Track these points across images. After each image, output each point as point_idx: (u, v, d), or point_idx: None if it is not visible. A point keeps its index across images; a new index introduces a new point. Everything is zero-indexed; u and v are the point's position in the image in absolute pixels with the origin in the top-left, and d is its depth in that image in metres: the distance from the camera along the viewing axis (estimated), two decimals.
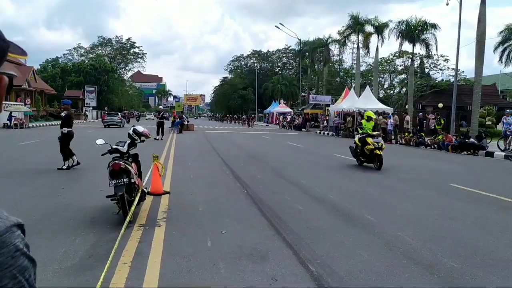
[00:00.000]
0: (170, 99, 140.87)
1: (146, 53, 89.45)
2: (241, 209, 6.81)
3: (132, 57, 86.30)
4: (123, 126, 38.39)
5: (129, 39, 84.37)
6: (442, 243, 5.19)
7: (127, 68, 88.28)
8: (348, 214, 6.68)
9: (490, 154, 17.79)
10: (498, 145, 19.21)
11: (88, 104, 67.33)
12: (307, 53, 56.38)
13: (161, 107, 34.15)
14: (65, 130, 10.98)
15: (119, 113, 46.26)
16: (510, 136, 18.94)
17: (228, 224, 5.81)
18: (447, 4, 25.79)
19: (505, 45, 45.57)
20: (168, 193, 7.77)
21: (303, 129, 40.99)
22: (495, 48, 45.51)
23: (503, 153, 17.44)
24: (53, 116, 12.72)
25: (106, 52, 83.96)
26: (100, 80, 71.67)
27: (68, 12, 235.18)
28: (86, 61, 74.58)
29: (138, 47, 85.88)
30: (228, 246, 4.83)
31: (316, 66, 60.39)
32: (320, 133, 37.16)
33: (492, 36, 44.63)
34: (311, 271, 4.13)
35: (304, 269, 4.19)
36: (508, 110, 20.89)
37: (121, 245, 4.51)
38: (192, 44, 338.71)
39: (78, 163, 10.97)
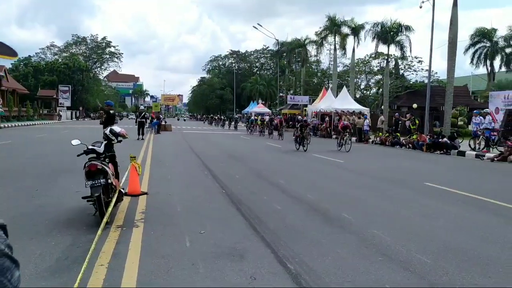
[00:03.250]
0: (147, 99, 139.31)
1: (122, 53, 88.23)
2: (219, 209, 6.81)
3: (108, 56, 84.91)
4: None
5: (104, 38, 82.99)
6: (416, 240, 5.32)
7: (102, 67, 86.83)
8: (326, 213, 6.77)
9: (462, 154, 18.26)
10: (469, 145, 19.74)
11: (62, 104, 66.05)
12: (285, 54, 56.72)
13: (141, 107, 33.77)
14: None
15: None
16: (480, 136, 19.50)
17: (207, 224, 5.81)
18: (421, 7, 26.37)
19: (476, 47, 46.93)
20: (145, 193, 7.71)
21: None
22: (466, 50, 46.83)
23: (474, 153, 17.93)
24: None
25: (81, 51, 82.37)
26: (75, 80, 70.41)
27: (41, 9, 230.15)
28: (60, 60, 73.09)
29: (114, 47, 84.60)
30: (207, 246, 4.84)
31: (294, 67, 60.85)
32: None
33: (464, 38, 45.82)
34: (289, 269, 4.18)
35: (283, 268, 4.24)
36: (476, 111, 21.52)
37: (98, 247, 4.47)
38: (169, 44, 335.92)
39: None
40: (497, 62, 47.18)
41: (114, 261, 4.27)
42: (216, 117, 61.30)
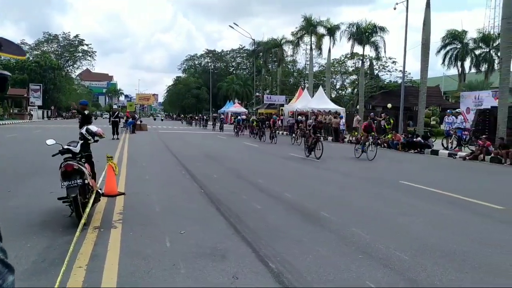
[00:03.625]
0: (122, 98, 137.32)
1: (95, 51, 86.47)
2: (199, 209, 6.76)
3: (80, 55, 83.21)
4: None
5: (77, 35, 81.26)
6: (394, 238, 5.40)
7: (75, 66, 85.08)
8: (305, 211, 6.80)
9: (435, 152, 18.69)
10: (442, 144, 20.22)
11: (33, 103, 64.42)
12: (261, 53, 56.84)
13: (115, 106, 33.26)
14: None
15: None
16: (453, 135, 20.01)
17: (186, 224, 5.76)
18: (395, 9, 26.91)
19: (447, 49, 48.13)
20: (123, 194, 7.58)
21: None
22: (438, 51, 47.99)
23: (447, 151, 18.38)
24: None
25: (53, 49, 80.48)
26: (46, 78, 68.74)
27: (10, 6, 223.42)
28: (31, 58, 71.17)
29: (87, 45, 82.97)
30: (187, 246, 4.79)
31: (270, 66, 61.03)
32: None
33: (437, 40, 46.98)
34: (271, 268, 4.18)
35: (265, 267, 4.24)
36: (449, 111, 22.05)
37: (75, 248, 4.37)
38: (143, 43, 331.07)
39: None
40: (467, 63, 48.59)
41: (93, 263, 4.18)
42: (197, 117, 56.97)
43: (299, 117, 26.17)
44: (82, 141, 6.23)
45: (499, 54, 32.62)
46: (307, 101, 34.05)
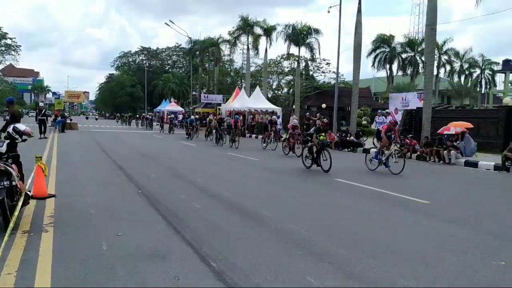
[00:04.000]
0: (49, 95, 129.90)
1: (20, 45, 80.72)
2: (136, 210, 6.58)
3: (3, 49, 77.55)
4: None
5: None
6: (331, 233, 5.60)
7: None
8: (245, 210, 6.85)
9: (367, 151, 19.54)
10: (373, 143, 21.19)
11: None
12: (198, 52, 56.33)
13: (41, 104, 31.40)
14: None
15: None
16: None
17: (124, 226, 5.58)
18: (328, 12, 27.81)
19: (377, 52, 50.62)
20: (53, 196, 7.18)
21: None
22: (368, 54, 50.31)
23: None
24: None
25: None
26: None
27: None
28: None
29: (11, 39, 77.44)
30: (125, 248, 4.64)
31: (207, 65, 60.63)
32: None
33: (368, 43, 49.23)
34: (213, 267, 4.17)
35: (206, 266, 4.21)
36: (379, 111, 23.23)
37: (3, 255, 4.08)
38: (73, 37, 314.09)
39: None
40: (395, 66, 51.39)
41: (23, 269, 3.93)
42: (141, 116, 49.79)
43: (274, 116, 24.07)
44: (8, 141, 5.82)
45: (423, 58, 34.76)
46: (244, 100, 34.27)
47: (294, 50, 38.01)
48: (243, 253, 4.63)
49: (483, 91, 58.15)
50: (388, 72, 51.16)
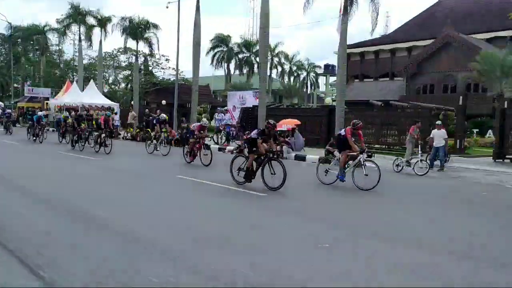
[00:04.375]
0: None
1: None
2: None
3: None
4: None
5: None
6: (174, 231, 5.56)
7: None
8: (79, 212, 6.30)
9: (207, 147, 19.92)
10: (213, 139, 21.74)
11: None
12: (19, 40, 50.15)
13: None
14: None
15: None
16: (222, 131, 21.78)
17: None
18: (167, 7, 27.47)
19: (215, 51, 52.22)
20: None
21: (18, 125, 36.12)
22: (207, 52, 51.58)
23: (217, 146, 19.85)
24: None
25: None
26: None
27: None
28: None
29: None
30: None
31: (31, 55, 54.46)
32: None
33: (207, 41, 50.39)
34: (43, 278, 3.72)
35: (35, 277, 3.75)
36: (219, 108, 23.95)
37: None
38: None
39: None
40: (232, 65, 53.74)
41: None
42: None
43: (110, 113, 19.75)
44: None
45: (258, 59, 36.98)
46: (77, 95, 31.72)
47: (132, 44, 36.43)
48: (81, 259, 4.27)
49: (308, 92, 64.58)
50: (226, 71, 53.20)
